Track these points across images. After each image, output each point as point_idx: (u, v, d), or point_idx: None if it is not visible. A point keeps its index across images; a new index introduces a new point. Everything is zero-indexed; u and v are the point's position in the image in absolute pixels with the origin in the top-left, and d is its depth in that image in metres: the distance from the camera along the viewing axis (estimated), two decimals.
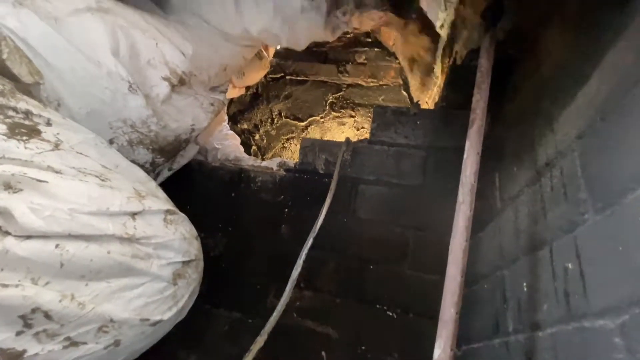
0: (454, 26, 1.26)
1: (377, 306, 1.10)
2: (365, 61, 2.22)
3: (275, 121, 2.32)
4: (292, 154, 2.30)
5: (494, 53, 0.89)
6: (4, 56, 0.65)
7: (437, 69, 1.56)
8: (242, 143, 1.76)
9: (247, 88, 2.09)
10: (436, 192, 1.11)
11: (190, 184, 1.38)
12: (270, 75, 2.28)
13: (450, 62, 1.21)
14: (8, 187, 0.52)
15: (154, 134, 1.03)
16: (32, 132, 0.59)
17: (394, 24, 1.36)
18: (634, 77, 0.44)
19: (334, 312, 1.14)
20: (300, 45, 1.23)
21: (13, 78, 0.66)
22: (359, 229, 1.17)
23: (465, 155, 0.64)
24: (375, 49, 2.20)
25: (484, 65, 0.74)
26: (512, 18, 0.88)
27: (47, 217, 0.53)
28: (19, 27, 0.73)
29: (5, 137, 0.55)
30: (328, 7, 1.06)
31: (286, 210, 1.26)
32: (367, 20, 1.26)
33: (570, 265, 0.51)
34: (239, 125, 2.25)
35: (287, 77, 2.32)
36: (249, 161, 1.53)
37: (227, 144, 1.69)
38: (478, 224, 0.90)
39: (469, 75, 0.94)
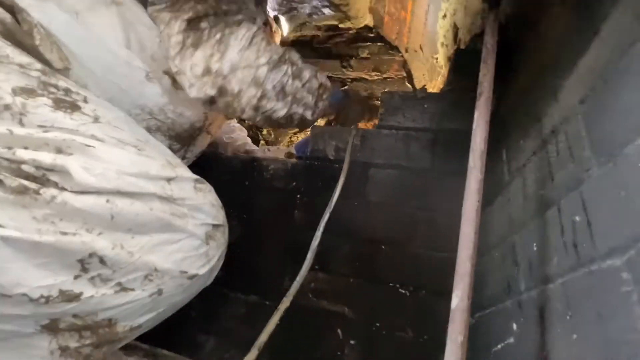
0: (456, 14, 1.30)
1: (390, 285, 1.14)
2: (369, 55, 2.26)
3: None
4: None
5: (498, 36, 0.93)
6: (37, 42, 0.70)
7: (441, 58, 1.60)
8: (250, 137, 1.81)
9: None
10: (444, 173, 1.14)
11: (205, 173, 1.42)
12: None
13: (455, 49, 1.25)
14: (59, 151, 0.58)
15: (171, 121, 1.07)
16: (74, 107, 0.64)
17: None
18: (630, 38, 0.48)
19: (348, 292, 1.18)
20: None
21: (46, 63, 0.71)
22: (370, 212, 1.21)
23: (474, 125, 0.68)
24: (378, 44, 2.24)
25: (489, 42, 0.79)
26: (513, 1, 0.92)
27: (98, 175, 0.58)
28: (42, 18, 0.77)
29: (52, 109, 0.61)
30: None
31: (298, 196, 1.30)
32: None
33: (577, 218, 0.54)
34: (246, 121, 2.30)
35: None
36: (259, 152, 1.57)
37: (236, 137, 1.73)
38: (487, 199, 0.94)
39: (474, 59, 0.98)
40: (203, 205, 0.73)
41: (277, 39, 1.71)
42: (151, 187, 0.64)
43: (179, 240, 0.67)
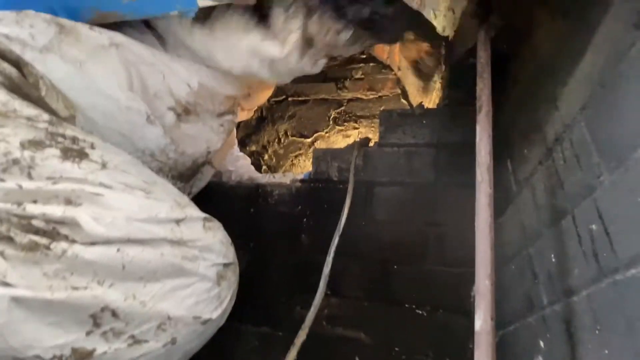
0: (446, 31, 1.33)
1: (406, 306, 1.10)
2: (363, 76, 2.31)
3: (282, 140, 2.39)
4: (301, 170, 2.36)
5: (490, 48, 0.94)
6: (43, 93, 0.72)
7: (437, 73, 1.63)
8: (252, 164, 1.82)
9: (254, 111, 2.17)
10: (450, 187, 1.13)
11: (209, 204, 1.41)
12: (273, 99, 2.37)
13: (448, 64, 1.28)
14: (69, 202, 0.58)
15: (173, 161, 1.08)
16: (82, 155, 0.65)
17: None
18: (626, 43, 0.49)
19: (363, 317, 1.14)
20: (285, 81, 1.22)
21: (52, 113, 0.72)
22: (378, 231, 1.19)
23: (477, 139, 0.68)
24: (371, 64, 2.30)
25: (483, 56, 0.80)
26: (502, 14, 0.95)
27: (108, 224, 0.58)
28: (45, 70, 0.80)
29: (60, 160, 0.61)
30: (300, 53, 1.04)
31: (305, 220, 1.29)
32: (350, 49, 1.18)
33: (594, 227, 0.53)
34: (247, 148, 2.32)
35: (289, 99, 2.42)
36: (263, 179, 1.57)
37: (240, 165, 1.74)
38: (497, 210, 0.92)
39: (469, 72, 1.00)
40: (213, 244, 0.72)
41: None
42: (161, 232, 0.64)
43: (190, 284, 0.66)
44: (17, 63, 0.71)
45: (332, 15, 0.99)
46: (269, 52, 0.98)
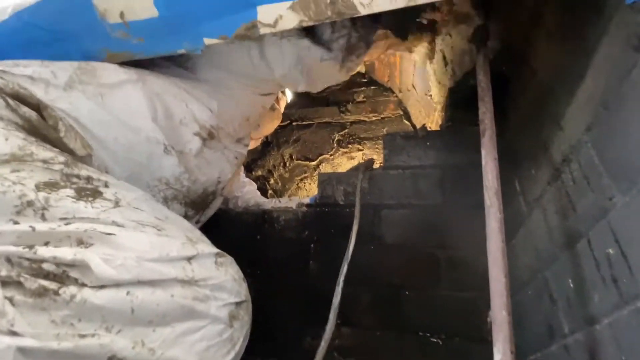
0: (444, 55, 1.36)
1: (420, 334, 1.06)
2: (365, 99, 2.35)
3: (287, 164, 2.41)
4: (307, 193, 2.36)
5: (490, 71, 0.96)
6: (62, 134, 0.74)
7: (435, 95, 1.65)
8: (258, 188, 1.82)
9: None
10: (458, 208, 1.12)
11: (216, 231, 1.41)
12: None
13: (449, 86, 1.29)
14: (81, 242, 0.57)
15: (186, 189, 1.10)
16: (95, 194, 0.66)
17: (395, 44, 1.44)
18: (626, 65, 0.49)
19: (376, 347, 1.10)
20: (317, 88, 1.33)
21: (70, 152, 0.74)
22: (388, 255, 1.17)
23: (483, 162, 0.68)
24: (372, 87, 2.34)
25: (483, 80, 0.81)
26: (499, 38, 0.97)
27: (118, 266, 0.57)
28: (69, 108, 0.83)
29: (74, 200, 0.62)
30: (343, 55, 1.17)
31: (312, 246, 1.27)
32: (374, 51, 1.34)
33: (611, 251, 0.51)
34: (253, 173, 2.34)
35: (294, 123, 2.46)
36: (269, 204, 1.57)
37: (246, 191, 1.75)
38: (508, 232, 0.90)
39: (469, 95, 1.01)
40: (225, 282, 0.70)
41: (283, 104, 1.81)
42: (172, 272, 0.62)
43: (201, 327, 0.63)
44: (37, 106, 0.73)
45: (369, 22, 1.16)
46: (317, 55, 1.11)
